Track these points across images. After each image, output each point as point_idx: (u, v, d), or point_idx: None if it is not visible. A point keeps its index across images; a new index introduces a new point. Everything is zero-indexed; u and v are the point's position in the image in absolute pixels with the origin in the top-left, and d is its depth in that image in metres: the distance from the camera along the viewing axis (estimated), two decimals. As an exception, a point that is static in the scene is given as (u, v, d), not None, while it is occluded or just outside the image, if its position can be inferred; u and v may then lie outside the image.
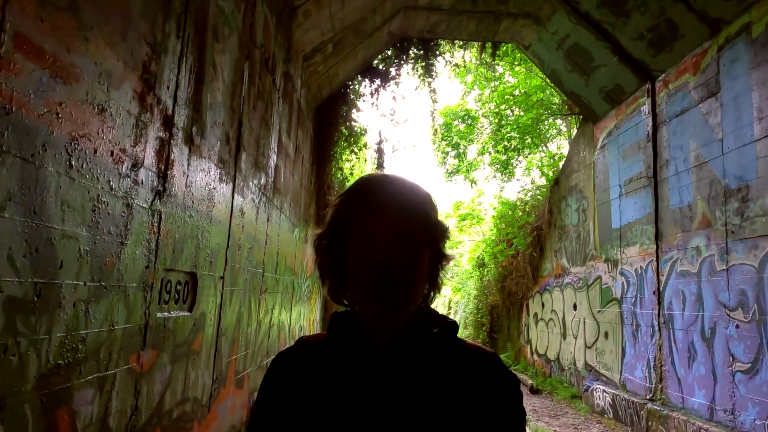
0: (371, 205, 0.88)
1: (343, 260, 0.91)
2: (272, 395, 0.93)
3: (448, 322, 0.96)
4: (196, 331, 3.34)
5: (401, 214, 0.87)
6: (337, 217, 0.93)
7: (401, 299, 0.85)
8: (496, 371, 0.94)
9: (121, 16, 2.14)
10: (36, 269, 1.69)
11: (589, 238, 8.95)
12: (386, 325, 0.90)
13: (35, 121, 1.65)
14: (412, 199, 0.90)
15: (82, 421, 2.02)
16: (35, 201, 1.67)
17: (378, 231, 0.86)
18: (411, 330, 0.92)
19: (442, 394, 0.87)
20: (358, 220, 0.88)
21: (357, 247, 0.88)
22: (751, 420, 4.91)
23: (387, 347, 0.91)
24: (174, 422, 3.02)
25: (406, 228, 0.86)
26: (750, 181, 5.11)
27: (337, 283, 0.94)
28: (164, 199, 2.68)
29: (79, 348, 1.96)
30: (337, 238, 0.92)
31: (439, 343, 0.93)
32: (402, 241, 0.85)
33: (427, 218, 0.90)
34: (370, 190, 0.91)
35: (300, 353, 0.96)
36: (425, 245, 0.89)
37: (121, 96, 2.17)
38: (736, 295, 5.21)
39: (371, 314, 0.90)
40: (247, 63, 4.18)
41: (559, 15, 7.69)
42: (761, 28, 5.11)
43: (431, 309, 0.98)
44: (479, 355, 0.95)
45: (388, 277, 0.84)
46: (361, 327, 0.93)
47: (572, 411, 8.17)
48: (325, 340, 0.97)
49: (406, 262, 0.85)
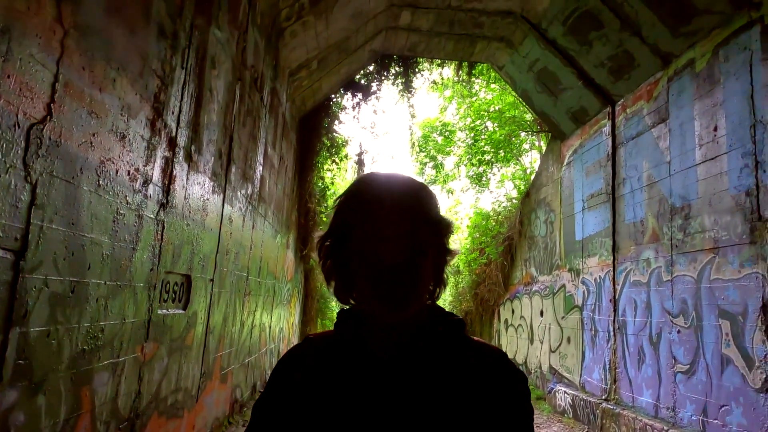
0: (372, 205, 0.88)
1: (346, 261, 0.90)
2: (278, 393, 0.94)
3: (454, 319, 0.97)
4: (189, 328, 3.71)
5: (402, 213, 0.87)
6: (338, 218, 0.92)
7: (405, 299, 0.85)
8: (503, 369, 0.93)
9: (140, 58, 2.53)
10: (72, 270, 2.07)
11: (555, 248, 9.51)
12: (392, 323, 0.90)
13: (75, 149, 2.03)
14: (412, 196, 0.90)
15: (99, 399, 2.39)
16: (73, 214, 2.05)
17: (379, 231, 0.85)
18: (417, 328, 0.92)
19: (448, 393, 0.87)
20: (359, 221, 0.88)
21: (359, 247, 0.87)
22: (688, 416, 5.45)
23: (393, 346, 0.91)
24: (168, 408, 3.38)
25: (407, 226, 0.86)
26: (692, 200, 5.69)
27: (342, 284, 0.94)
28: (167, 210, 3.06)
29: (99, 336, 2.33)
30: (340, 239, 0.91)
31: (445, 341, 0.93)
32: (404, 239, 0.85)
33: (428, 215, 0.90)
34: (370, 189, 0.91)
35: (306, 351, 0.97)
36: (428, 243, 0.88)
37: (137, 124, 2.56)
38: (679, 303, 5.76)
39: (377, 313, 0.90)
40: (238, 84, 4.57)
41: (529, 40, 8.25)
42: (703, 64, 5.70)
43: (437, 306, 0.98)
44: (486, 353, 0.95)
45: (391, 276, 0.84)
46: (366, 325, 0.93)
47: (536, 412, 8.67)
48: (331, 339, 0.97)
49: (409, 261, 0.85)
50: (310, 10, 6.40)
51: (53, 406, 2.00)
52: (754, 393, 4.61)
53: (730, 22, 5.30)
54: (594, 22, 6.87)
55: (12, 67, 1.63)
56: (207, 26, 3.52)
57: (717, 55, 5.48)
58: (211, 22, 3.59)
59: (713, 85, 5.50)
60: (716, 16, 5.42)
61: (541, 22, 7.74)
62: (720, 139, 5.31)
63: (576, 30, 7.27)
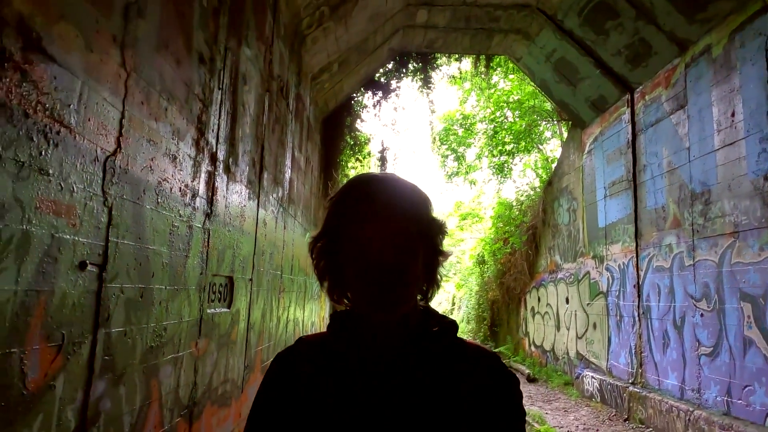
0: (362, 206, 0.88)
1: (339, 261, 0.91)
2: (272, 395, 0.94)
3: (447, 321, 0.96)
4: (233, 325, 4.04)
5: (392, 214, 0.87)
6: (330, 219, 0.93)
7: (394, 299, 0.85)
8: (495, 371, 0.93)
9: (185, 85, 2.83)
10: (140, 278, 2.39)
11: (578, 236, 9.60)
12: (384, 324, 0.90)
13: (139, 174, 2.34)
14: (403, 198, 0.90)
15: (165, 389, 2.72)
16: (139, 230, 2.37)
17: (369, 232, 0.85)
18: (410, 329, 0.92)
19: (440, 394, 0.87)
20: (349, 222, 0.88)
21: (350, 248, 0.88)
22: (713, 397, 5.57)
23: (385, 347, 0.91)
24: (219, 398, 3.73)
25: (397, 228, 0.86)
26: (711, 186, 5.76)
27: (335, 283, 0.94)
28: (211, 219, 3.38)
29: (162, 335, 2.66)
30: (332, 239, 0.92)
31: (438, 343, 0.93)
32: (394, 241, 0.85)
33: (419, 216, 0.90)
34: (360, 190, 0.91)
35: (299, 353, 0.97)
36: (418, 244, 0.88)
37: (185, 145, 2.87)
38: (701, 287, 5.86)
39: (367, 314, 0.90)
40: (267, 95, 4.86)
41: (546, 32, 8.33)
42: (719, 50, 5.75)
43: (431, 308, 0.98)
44: (478, 355, 0.95)
45: (380, 277, 0.84)
46: (359, 326, 0.93)
47: (564, 396, 8.85)
48: (324, 340, 0.97)
49: (398, 263, 0.85)
50: (330, 17, 6.65)
51: (130, 395, 2.33)
52: (776, 373, 4.72)
53: (744, 7, 5.33)
54: (609, 11, 6.93)
55: (91, 111, 1.93)
56: (238, 47, 3.82)
57: (733, 41, 5.52)
58: (241, 43, 3.89)
59: (730, 70, 5.55)
60: (731, 1, 5.46)
61: (556, 13, 7.81)
62: (738, 124, 5.37)
63: (592, 20, 7.33)
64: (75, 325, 1.90)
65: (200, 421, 3.31)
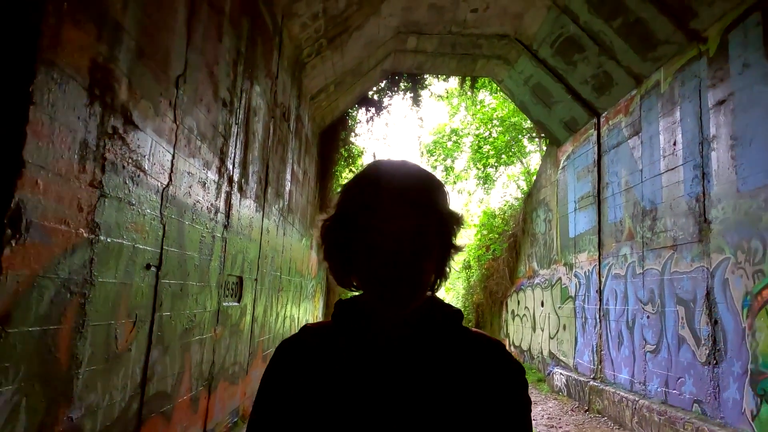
0: (381, 195, 0.85)
1: (349, 245, 0.88)
2: (276, 384, 0.93)
3: (452, 310, 0.96)
4: (242, 317, 4.84)
5: (413, 206, 0.84)
6: (345, 203, 0.90)
7: (406, 294, 0.83)
8: (500, 360, 0.92)
9: (213, 128, 3.64)
10: (181, 276, 3.19)
11: (553, 244, 10.45)
12: (390, 314, 0.89)
13: (181, 198, 3.15)
14: (423, 189, 0.87)
15: (194, 362, 3.52)
16: (181, 240, 3.17)
17: (387, 223, 0.82)
18: (415, 319, 0.90)
19: (445, 384, 0.86)
20: (367, 210, 0.85)
21: (364, 236, 0.85)
22: (655, 388, 6.40)
23: (391, 336, 0.90)
24: (230, 376, 4.52)
25: (414, 222, 0.83)
26: (658, 204, 6.61)
27: (342, 267, 0.92)
28: (228, 230, 4.18)
29: (193, 320, 3.46)
30: (345, 224, 0.89)
31: (442, 332, 0.92)
32: (411, 234, 0.82)
33: (438, 209, 0.87)
34: (381, 178, 0.88)
35: (304, 341, 0.96)
36: (435, 238, 0.86)
37: (212, 173, 3.67)
38: (648, 293, 6.71)
39: (375, 306, 0.90)
40: (272, 121, 5.67)
41: (523, 59, 9.19)
42: (666, 86, 6.60)
43: (436, 297, 0.97)
44: (483, 344, 0.94)
45: (394, 271, 0.82)
46: (365, 316, 0.92)
47: (536, 391, 9.67)
48: (329, 329, 0.96)
49: (415, 257, 0.82)
50: (327, 47, 7.46)
51: (173, 363, 3.13)
52: (701, 366, 5.55)
53: (684, 51, 6.19)
54: (576, 46, 7.79)
55: (155, 157, 2.74)
56: (251, 87, 4.63)
57: (676, 79, 6.38)
58: (253, 83, 4.70)
59: (673, 105, 6.40)
60: (674, 45, 6.31)
61: (532, 43, 8.66)
62: (678, 152, 6.22)
63: (562, 52, 8.18)
64: (142, 308, 2.70)
65: (216, 392, 4.10)
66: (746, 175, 5.00)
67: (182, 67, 3.01)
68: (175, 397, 3.20)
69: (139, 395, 2.69)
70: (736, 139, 5.17)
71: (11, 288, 1.68)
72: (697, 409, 5.55)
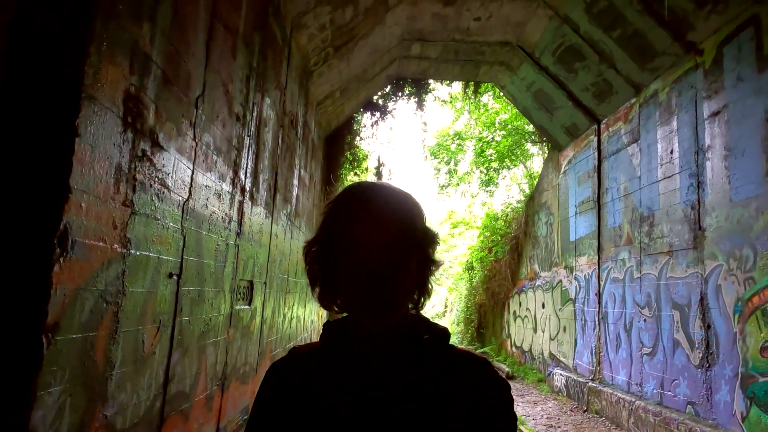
0: (357, 213, 0.90)
1: (331, 267, 0.92)
2: (267, 403, 0.97)
3: (438, 329, 0.98)
4: (252, 319, 5.05)
5: (387, 222, 0.88)
6: (325, 225, 0.95)
7: (386, 306, 0.87)
8: (486, 378, 0.94)
9: (227, 141, 3.85)
10: (198, 282, 3.40)
11: (554, 247, 10.63)
12: (375, 332, 0.91)
13: (199, 210, 3.36)
14: (398, 207, 0.92)
15: (209, 363, 3.74)
16: (199, 249, 3.38)
17: (363, 238, 0.87)
18: (401, 337, 0.93)
19: (432, 402, 0.88)
20: (344, 228, 0.90)
21: (343, 254, 0.89)
22: (651, 390, 6.59)
23: (377, 355, 0.92)
24: (241, 376, 4.74)
25: (391, 236, 0.87)
26: (655, 211, 6.78)
27: (326, 288, 0.95)
28: (240, 237, 4.39)
29: (209, 323, 3.68)
30: (326, 245, 0.94)
31: (429, 350, 0.94)
32: (387, 248, 0.86)
33: (413, 225, 0.91)
34: (356, 198, 0.93)
35: (293, 363, 0.99)
36: (411, 252, 0.90)
37: (226, 185, 3.88)
38: (645, 297, 6.89)
39: (359, 321, 0.92)
40: (281, 130, 5.88)
41: (525, 66, 9.36)
42: (664, 95, 6.78)
43: (422, 316, 0.99)
44: (469, 362, 0.96)
45: (372, 284, 0.85)
46: (351, 335, 0.95)
47: (536, 391, 9.87)
48: (317, 349, 0.99)
49: (391, 270, 0.86)
50: (334, 55, 7.66)
51: (191, 364, 3.35)
52: (694, 369, 5.74)
53: (682, 63, 6.36)
54: (577, 54, 7.96)
55: (177, 174, 2.95)
56: (262, 100, 4.83)
57: (674, 89, 6.55)
58: (264, 96, 4.90)
59: (671, 114, 6.57)
60: (672, 56, 6.48)
61: (534, 51, 8.84)
62: (675, 160, 6.40)
63: (563, 60, 8.36)
64: (165, 314, 2.91)
65: (228, 391, 4.32)
66: (739, 185, 5.18)
67: (201, 88, 3.22)
68: (192, 397, 3.41)
69: (161, 395, 2.91)
70: (730, 149, 5.35)
71: (59, 300, 1.89)
72: (690, 410, 5.74)
